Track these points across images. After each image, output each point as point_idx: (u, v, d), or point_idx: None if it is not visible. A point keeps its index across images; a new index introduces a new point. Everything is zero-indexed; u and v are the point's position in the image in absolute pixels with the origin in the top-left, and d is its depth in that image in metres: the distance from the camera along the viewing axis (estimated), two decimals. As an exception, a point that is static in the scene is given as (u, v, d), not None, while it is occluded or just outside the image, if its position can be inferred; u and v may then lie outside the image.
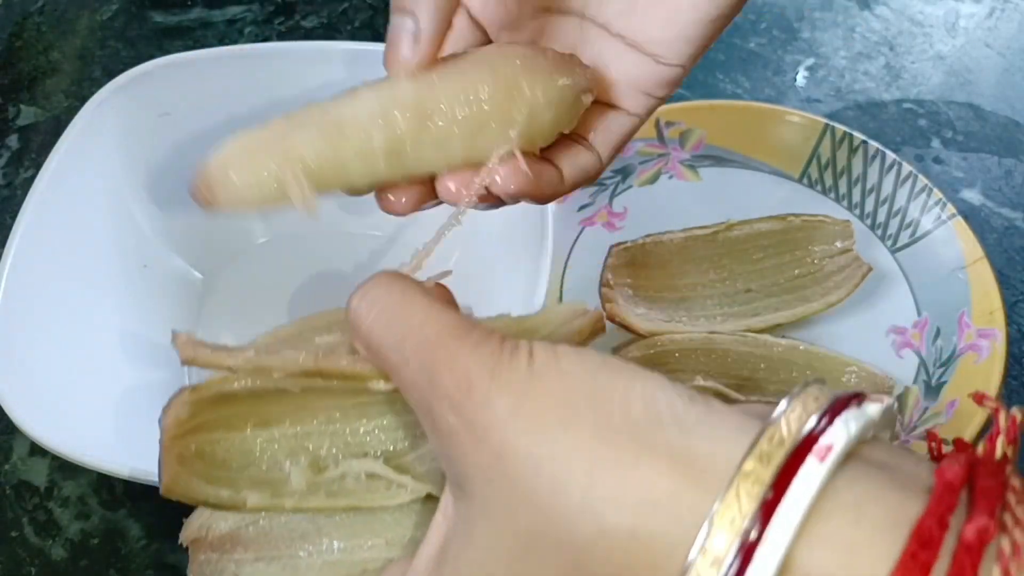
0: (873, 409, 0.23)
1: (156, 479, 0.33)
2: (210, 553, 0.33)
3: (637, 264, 0.55)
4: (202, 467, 0.32)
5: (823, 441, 0.22)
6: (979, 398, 0.25)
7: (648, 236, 0.56)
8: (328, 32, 0.69)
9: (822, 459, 0.22)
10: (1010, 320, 0.52)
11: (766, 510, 0.21)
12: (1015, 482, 0.22)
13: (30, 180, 0.48)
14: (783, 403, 0.23)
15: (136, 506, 0.50)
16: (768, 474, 0.22)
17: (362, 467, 0.32)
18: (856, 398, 0.23)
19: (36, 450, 0.52)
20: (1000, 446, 0.23)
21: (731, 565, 0.21)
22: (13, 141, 0.65)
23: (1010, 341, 0.50)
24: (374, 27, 0.69)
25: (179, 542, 0.33)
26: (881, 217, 0.56)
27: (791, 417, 0.23)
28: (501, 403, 0.24)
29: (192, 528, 0.34)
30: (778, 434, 0.22)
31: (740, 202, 0.57)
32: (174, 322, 0.52)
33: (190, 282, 0.54)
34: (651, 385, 0.24)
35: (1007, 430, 0.23)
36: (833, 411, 0.23)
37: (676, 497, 0.23)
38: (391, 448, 0.32)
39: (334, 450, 0.32)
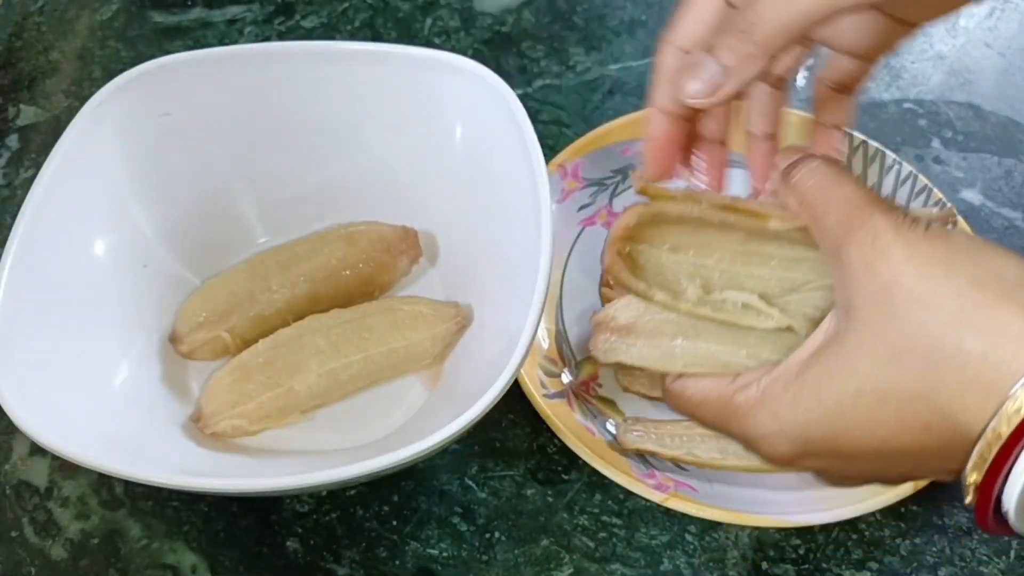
0: None
1: (156, 479, 0.33)
2: (610, 335, 0.44)
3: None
4: (629, 264, 0.44)
5: None
6: None
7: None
8: (328, 32, 0.69)
9: None
10: (1010, 320, 0.52)
11: None
12: None
13: (30, 180, 0.48)
14: None
15: (136, 506, 0.50)
16: None
17: (740, 297, 0.41)
18: None
19: (36, 450, 0.52)
20: None
21: None
22: (13, 141, 0.65)
23: (1010, 341, 0.50)
24: (374, 27, 0.69)
25: (589, 322, 0.45)
26: (881, 217, 0.56)
27: None
28: (897, 252, 0.32)
29: (601, 313, 0.45)
30: None
31: (740, 202, 0.57)
32: (173, 322, 0.52)
33: (190, 282, 0.54)
34: (1023, 263, 0.32)
35: None
36: None
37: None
38: (764, 290, 0.41)
39: (722, 280, 0.42)
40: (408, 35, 0.69)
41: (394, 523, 0.50)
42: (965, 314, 0.30)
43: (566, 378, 0.52)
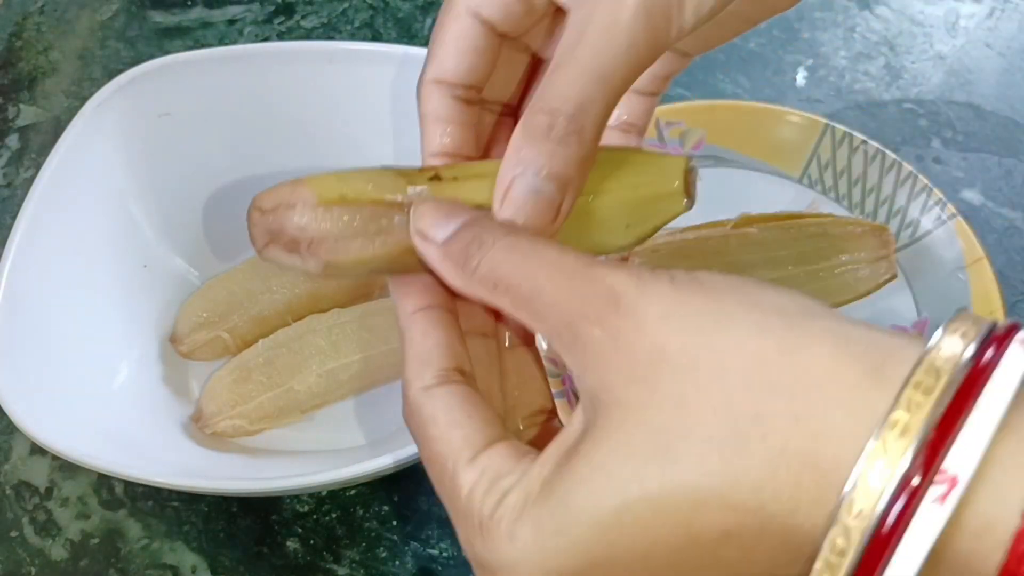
0: None
1: (156, 479, 0.33)
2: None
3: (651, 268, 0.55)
4: None
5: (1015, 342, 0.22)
6: None
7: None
8: (328, 32, 0.69)
9: (993, 403, 0.21)
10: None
11: (961, 395, 0.21)
12: None
13: (30, 180, 0.48)
14: (950, 320, 0.23)
15: (136, 506, 0.50)
16: (959, 362, 0.22)
17: None
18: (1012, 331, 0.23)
19: (36, 450, 0.52)
20: None
21: (923, 437, 0.21)
22: (13, 141, 0.65)
23: (1010, 341, 0.50)
24: (374, 27, 0.69)
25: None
26: (881, 217, 0.56)
27: (960, 328, 0.23)
28: (651, 310, 0.24)
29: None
30: (955, 339, 0.23)
31: (740, 202, 0.57)
32: (174, 322, 0.52)
33: (190, 282, 0.54)
34: (796, 291, 0.25)
35: None
36: (995, 332, 0.23)
37: (840, 377, 0.22)
38: None
39: None
40: (408, 35, 0.69)
41: (394, 523, 0.50)
42: (756, 368, 0.23)
43: (567, 378, 0.52)
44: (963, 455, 0.21)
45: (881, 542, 0.21)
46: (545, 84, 0.28)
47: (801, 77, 0.67)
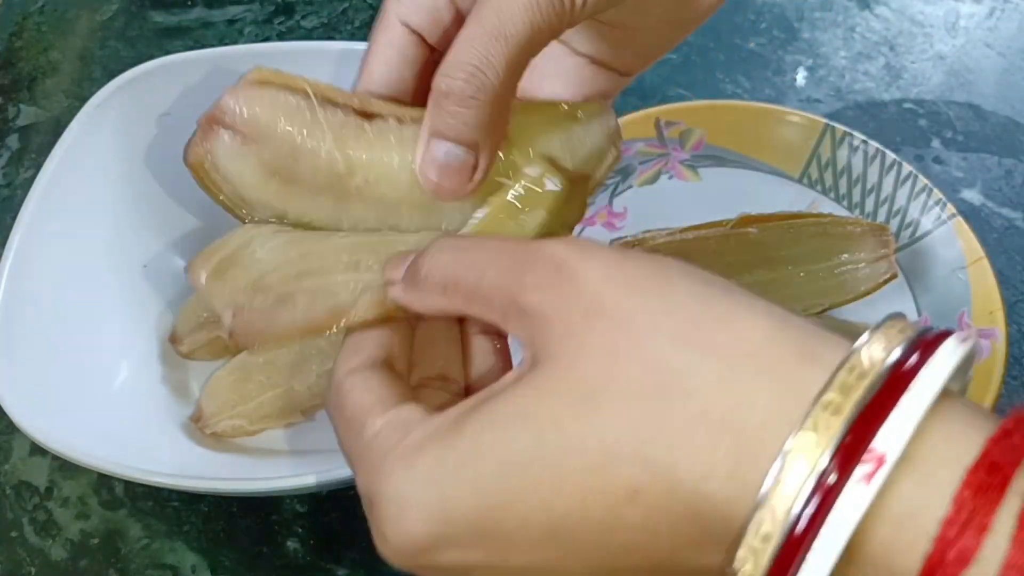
0: (964, 348, 0.22)
1: (156, 479, 0.33)
2: None
3: None
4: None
5: (941, 351, 0.22)
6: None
7: (647, 232, 0.56)
8: (328, 32, 0.69)
9: (927, 385, 0.21)
10: (1010, 320, 0.52)
11: (893, 381, 0.21)
12: None
13: (30, 180, 0.48)
14: (882, 323, 0.23)
15: (136, 506, 0.50)
16: (868, 383, 0.21)
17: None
18: (944, 335, 0.23)
19: (36, 450, 0.52)
20: None
21: (853, 417, 0.21)
22: (13, 141, 0.65)
23: (1010, 341, 0.50)
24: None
25: None
26: (881, 217, 0.56)
27: (888, 332, 0.23)
28: (592, 272, 0.24)
29: None
30: (900, 326, 0.23)
31: (740, 202, 0.57)
32: (174, 322, 0.52)
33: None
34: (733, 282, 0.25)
35: None
36: (925, 344, 0.22)
37: (774, 351, 0.22)
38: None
39: None
40: (408, 35, 0.69)
41: (394, 523, 0.49)
42: (688, 330, 0.22)
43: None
44: (892, 435, 0.20)
45: (804, 530, 0.20)
46: (450, 50, 0.29)
47: (801, 77, 0.67)
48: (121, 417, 0.47)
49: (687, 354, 0.22)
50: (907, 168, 0.56)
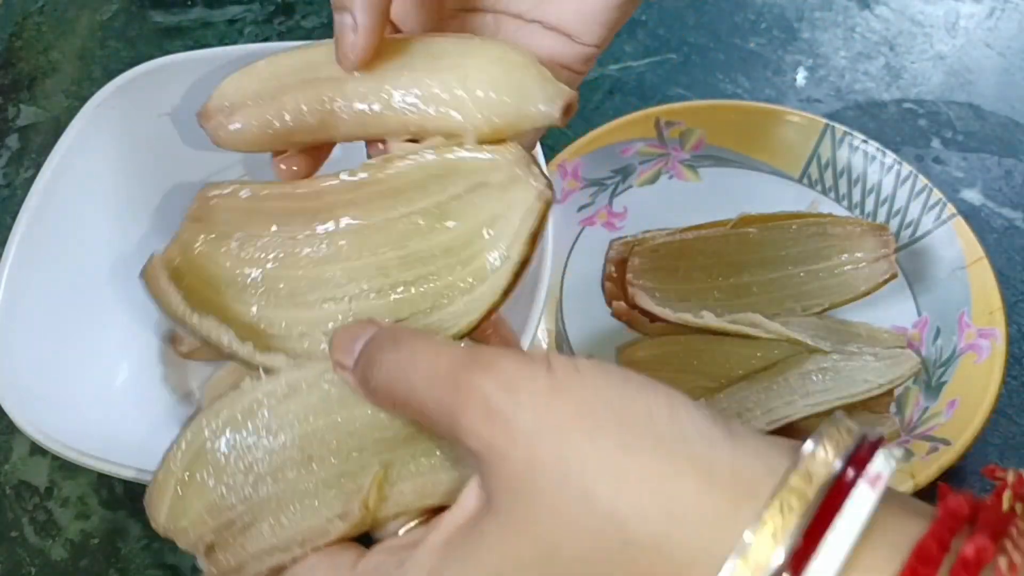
0: (898, 452, 0.24)
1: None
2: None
3: (652, 267, 0.55)
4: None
5: (871, 470, 0.23)
6: (989, 472, 0.25)
7: (647, 232, 0.56)
8: (328, 32, 0.69)
9: (872, 485, 0.22)
10: (1010, 320, 0.52)
11: (814, 528, 0.22)
12: (1021, 523, 0.22)
13: (30, 180, 0.48)
14: (822, 430, 0.24)
15: (136, 506, 0.50)
16: (812, 492, 0.22)
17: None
18: (880, 440, 0.24)
19: (36, 450, 0.52)
20: (1007, 500, 0.23)
21: (790, 548, 0.22)
22: (13, 141, 0.65)
23: (1010, 341, 0.50)
24: (374, 27, 0.69)
25: None
26: (881, 217, 0.56)
27: (828, 444, 0.23)
28: (523, 420, 0.24)
29: None
30: (821, 456, 0.23)
31: (740, 202, 0.57)
32: (174, 322, 0.52)
33: (190, 282, 0.54)
34: (675, 401, 0.24)
35: (1014, 485, 0.23)
36: (861, 450, 0.23)
37: (703, 508, 0.23)
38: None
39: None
40: (408, 35, 0.69)
41: (394, 523, 0.49)
42: (622, 490, 0.23)
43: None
44: (824, 564, 0.22)
45: None
46: None
47: (801, 77, 0.67)
48: (121, 417, 0.47)
49: (625, 521, 0.23)
50: (907, 168, 0.56)
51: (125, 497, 0.50)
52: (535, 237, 0.30)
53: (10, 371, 0.43)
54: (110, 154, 0.51)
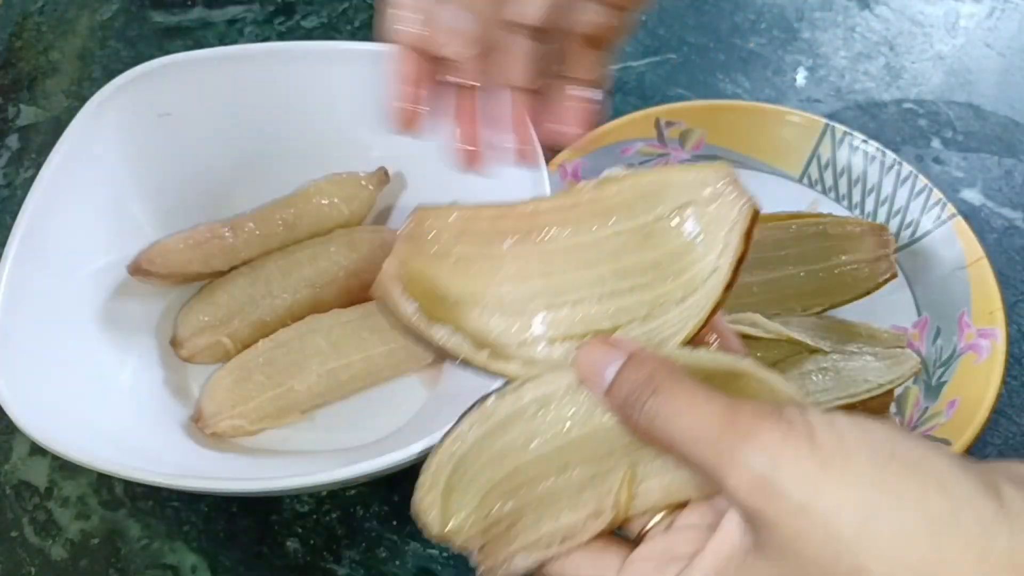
0: None
1: (156, 479, 0.33)
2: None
3: None
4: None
5: None
6: None
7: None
8: (328, 32, 0.69)
9: None
10: (1010, 320, 0.52)
11: None
12: None
13: (30, 180, 0.48)
14: None
15: (136, 506, 0.50)
16: None
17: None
18: None
19: (36, 450, 0.52)
20: None
21: None
22: (13, 141, 0.65)
23: (1010, 341, 0.50)
24: (374, 27, 0.69)
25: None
26: (881, 217, 0.56)
27: None
28: (793, 497, 0.25)
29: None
30: None
31: (740, 202, 0.57)
32: (174, 324, 0.52)
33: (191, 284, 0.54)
34: (944, 474, 0.25)
35: None
36: None
37: None
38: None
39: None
40: (408, 35, 0.69)
41: (394, 523, 0.49)
42: (897, 563, 0.24)
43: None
44: None
45: None
46: None
47: (801, 77, 0.67)
48: (121, 417, 0.47)
49: None
50: (907, 168, 0.56)
51: (125, 497, 0.50)
52: (745, 245, 0.32)
53: (10, 371, 0.43)
54: (110, 154, 0.51)
